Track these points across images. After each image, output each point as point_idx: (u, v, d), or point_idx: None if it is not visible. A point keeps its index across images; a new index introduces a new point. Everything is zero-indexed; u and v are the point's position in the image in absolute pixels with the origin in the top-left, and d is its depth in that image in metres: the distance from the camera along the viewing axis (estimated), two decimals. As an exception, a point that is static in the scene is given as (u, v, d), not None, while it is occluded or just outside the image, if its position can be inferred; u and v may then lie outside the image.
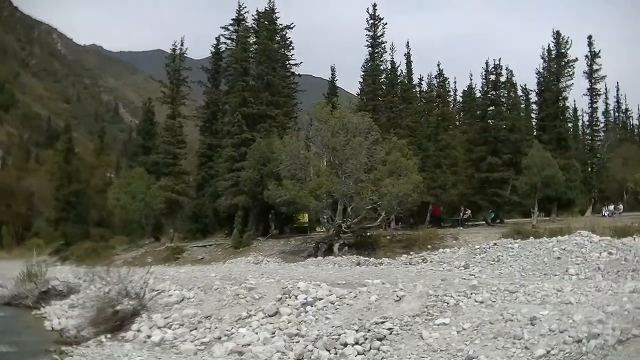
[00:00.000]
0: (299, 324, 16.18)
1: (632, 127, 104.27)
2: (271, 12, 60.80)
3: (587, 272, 24.22)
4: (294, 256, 43.79)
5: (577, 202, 71.21)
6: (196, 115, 67.51)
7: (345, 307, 16.65)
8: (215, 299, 19.40)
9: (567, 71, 69.62)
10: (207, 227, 61.43)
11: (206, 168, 62.65)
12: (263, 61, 58.03)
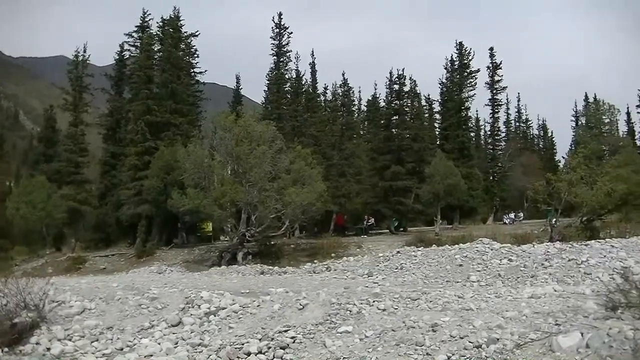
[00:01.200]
0: (202, 334, 16.00)
1: (532, 137, 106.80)
2: (176, 19, 60.30)
3: (488, 279, 24.60)
4: (198, 265, 43.37)
5: (479, 210, 72.53)
6: (99, 123, 66.19)
7: (249, 316, 16.55)
8: (117, 309, 19.06)
9: (469, 82, 71.05)
10: (110, 237, 60.35)
11: (109, 177, 61.56)
12: (167, 69, 57.51)
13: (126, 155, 56.01)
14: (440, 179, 53.22)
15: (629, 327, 10.71)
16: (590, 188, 42.92)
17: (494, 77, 78.72)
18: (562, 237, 39.22)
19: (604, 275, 21.51)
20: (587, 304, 14.49)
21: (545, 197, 44.45)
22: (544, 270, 24.43)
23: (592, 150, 51.34)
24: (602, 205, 43.30)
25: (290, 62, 64.97)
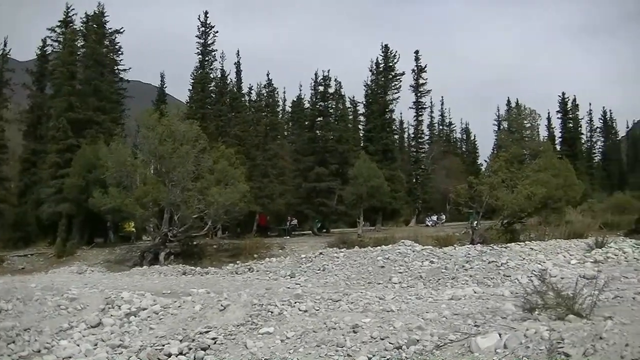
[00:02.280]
0: (123, 335, 15.81)
1: (455, 140, 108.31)
2: (100, 15, 59.40)
3: (409, 281, 24.75)
4: (119, 265, 42.80)
5: (402, 212, 73.10)
6: (19, 119, 64.69)
7: (170, 317, 16.41)
8: (35, 310, 18.69)
9: (394, 84, 71.68)
10: (29, 236, 58.91)
11: (29, 174, 60.06)
12: (91, 65, 56.63)
13: (47, 153, 54.78)
14: (363, 180, 53.57)
15: (545, 328, 10.89)
16: (511, 191, 43.62)
17: (419, 80, 79.46)
18: (483, 239, 39.77)
19: (522, 277, 21.80)
20: (506, 305, 14.71)
21: (467, 200, 45.01)
22: (465, 272, 24.69)
23: (513, 154, 52.17)
24: (523, 209, 44.00)
25: (215, 62, 64.61)
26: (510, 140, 70.16)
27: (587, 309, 12.14)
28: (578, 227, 44.63)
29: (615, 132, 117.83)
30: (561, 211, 50.68)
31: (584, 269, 23.38)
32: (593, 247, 28.92)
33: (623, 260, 25.26)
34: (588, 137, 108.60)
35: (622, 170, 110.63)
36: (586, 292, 12.62)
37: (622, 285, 18.90)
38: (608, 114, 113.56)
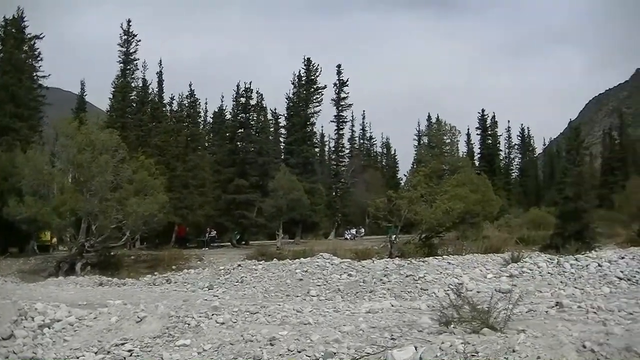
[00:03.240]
0: (35, 347, 15.47)
1: (375, 154, 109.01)
2: (19, 20, 58.29)
3: (327, 293, 24.79)
4: (34, 276, 41.86)
5: (322, 225, 73.32)
6: None
7: (85, 329, 16.14)
8: (-57, 321, 18.28)
9: (315, 97, 71.95)
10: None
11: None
12: (8, 71, 55.45)
13: (-40, 160, 53.59)
14: (283, 193, 53.65)
15: (460, 341, 11.05)
16: (429, 206, 44.14)
17: (340, 94, 79.88)
18: (401, 253, 40.12)
19: (439, 291, 22.06)
20: (422, 318, 14.86)
21: (386, 214, 45.35)
22: (383, 286, 24.81)
23: (432, 169, 52.82)
24: (441, 223, 44.52)
25: (137, 71, 64.01)
26: (429, 155, 71.05)
27: (501, 322, 12.36)
28: (495, 241, 45.34)
29: (533, 149, 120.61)
30: (479, 226, 51.51)
31: (499, 283, 23.72)
32: (509, 262, 29.32)
33: (538, 274, 25.67)
34: (506, 154, 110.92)
35: (539, 186, 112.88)
36: (501, 306, 12.85)
37: (536, 299, 19.30)
38: (526, 132, 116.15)
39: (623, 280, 23.20)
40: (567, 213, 49.42)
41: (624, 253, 29.28)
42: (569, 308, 16.52)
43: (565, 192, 51.38)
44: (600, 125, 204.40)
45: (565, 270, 25.49)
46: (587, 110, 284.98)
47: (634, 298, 18.30)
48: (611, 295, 20.37)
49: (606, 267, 25.11)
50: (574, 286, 22.47)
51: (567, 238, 45.37)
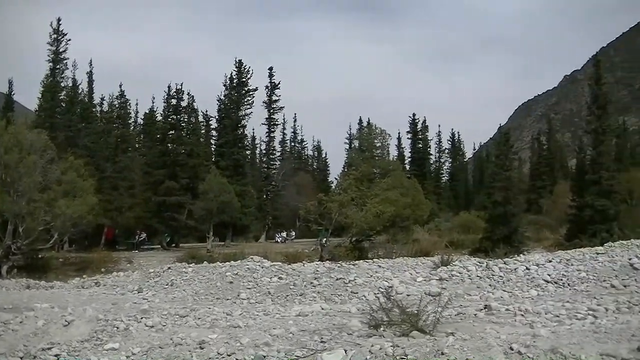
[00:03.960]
0: (-43, 353, 15.23)
1: (306, 157, 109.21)
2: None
3: (257, 297, 24.73)
4: (-43, 279, 41.10)
5: (252, 228, 73.16)
6: None
7: (10, 333, 15.84)
8: None
9: (247, 100, 71.80)
10: None
11: None
12: None
13: None
14: (214, 195, 53.41)
15: (390, 344, 11.15)
16: (360, 209, 44.36)
17: (272, 96, 79.93)
18: (331, 256, 40.28)
19: (369, 294, 22.20)
20: (352, 321, 14.95)
21: (316, 217, 45.49)
22: (313, 289, 24.86)
23: (363, 173, 53.12)
24: (371, 226, 44.83)
25: (67, 70, 63.08)
26: (360, 159, 71.25)
27: (430, 325, 12.51)
28: (425, 245, 45.88)
29: (463, 154, 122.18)
30: (409, 229, 51.94)
31: (429, 286, 23.94)
32: (439, 265, 29.58)
33: (467, 278, 25.95)
34: (436, 158, 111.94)
35: (468, 190, 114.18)
36: (430, 309, 13.01)
37: (465, 302, 19.54)
38: (456, 136, 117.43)
39: (550, 283, 23.60)
40: (496, 217, 50.09)
41: (551, 256, 29.75)
42: (497, 311, 16.79)
43: (495, 197, 51.99)
44: (529, 131, 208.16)
45: (494, 274, 25.81)
46: (516, 115, 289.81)
47: (561, 301, 18.67)
48: (539, 298, 20.72)
49: (534, 271, 25.49)
50: (503, 289, 22.79)
51: (496, 242, 46.00)
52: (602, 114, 53.60)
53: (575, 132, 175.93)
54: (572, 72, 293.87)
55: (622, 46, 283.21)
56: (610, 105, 58.59)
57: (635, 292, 20.51)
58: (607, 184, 50.80)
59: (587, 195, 50.98)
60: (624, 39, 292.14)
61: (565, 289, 22.67)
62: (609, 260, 26.77)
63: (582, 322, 14.76)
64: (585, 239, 46.31)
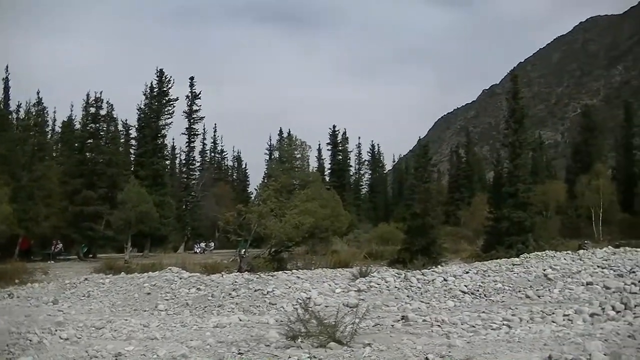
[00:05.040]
0: None
1: (226, 168, 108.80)
2: None
3: (175, 308, 24.63)
4: None
5: (171, 239, 72.64)
6: None
7: None
8: None
9: (167, 109, 71.38)
10: None
11: None
12: None
13: None
14: (132, 205, 52.84)
15: (307, 355, 11.23)
16: (279, 220, 44.36)
17: (192, 106, 79.70)
18: (250, 267, 40.20)
19: (288, 306, 22.31)
20: (270, 333, 15.00)
21: (235, 228, 45.33)
22: (231, 300, 24.86)
23: (282, 184, 53.10)
24: (290, 238, 44.87)
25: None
26: (280, 170, 71.28)
27: (347, 336, 12.61)
28: (344, 256, 46.09)
29: (382, 166, 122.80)
30: (328, 241, 52.13)
31: (347, 297, 24.15)
32: (357, 277, 29.84)
33: (385, 289, 26.25)
34: (356, 170, 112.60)
35: (388, 202, 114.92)
36: (348, 320, 13.12)
37: (383, 313, 19.74)
38: (376, 148, 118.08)
39: (467, 294, 24.02)
40: (415, 228, 50.61)
41: (468, 268, 30.30)
42: (415, 322, 17.00)
43: (413, 208, 52.65)
44: (448, 144, 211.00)
45: (412, 285, 26.17)
46: (436, 128, 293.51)
47: (477, 311, 18.99)
48: (455, 308, 21.06)
49: (451, 282, 25.92)
50: (420, 300, 23.11)
51: (414, 253, 46.53)
52: (519, 128, 54.61)
53: (493, 145, 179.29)
54: (490, 86, 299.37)
55: (539, 62, 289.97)
56: (526, 119, 59.77)
57: (548, 302, 21.01)
58: (523, 196, 51.71)
59: (504, 208, 51.83)
60: (541, 54, 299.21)
61: (482, 299, 23.10)
62: (524, 271, 27.41)
63: (497, 332, 15.06)
64: (502, 250, 47.10)
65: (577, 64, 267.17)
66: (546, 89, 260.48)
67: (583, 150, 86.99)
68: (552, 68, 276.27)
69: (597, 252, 33.24)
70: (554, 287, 23.75)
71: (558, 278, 25.42)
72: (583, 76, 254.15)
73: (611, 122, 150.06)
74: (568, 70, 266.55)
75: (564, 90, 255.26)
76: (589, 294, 21.85)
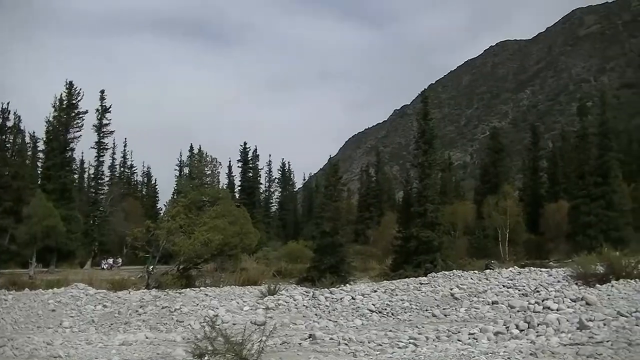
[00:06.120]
0: None
1: (135, 183, 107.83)
2: None
3: (81, 325, 24.27)
4: None
5: (78, 254, 71.45)
6: None
7: None
8: None
9: (76, 122, 70.40)
10: None
11: None
12: None
13: None
14: (38, 220, 51.95)
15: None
16: (188, 237, 44.05)
17: (102, 120, 78.77)
18: (158, 284, 39.78)
19: (195, 323, 22.18)
20: (177, 350, 14.94)
21: (144, 244, 44.88)
22: (138, 317, 24.62)
23: (192, 200, 52.75)
24: (199, 254, 44.59)
25: None
26: (190, 186, 70.90)
27: (255, 354, 12.65)
28: (253, 274, 45.98)
29: (293, 184, 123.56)
30: (237, 258, 51.93)
31: (255, 315, 24.12)
32: (266, 294, 29.84)
33: (293, 307, 26.30)
34: (266, 187, 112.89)
35: (297, 220, 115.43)
36: (255, 338, 13.14)
37: (291, 331, 19.80)
38: (287, 166, 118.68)
39: (375, 312, 24.21)
40: (324, 247, 50.87)
41: (376, 286, 30.53)
42: (322, 340, 17.09)
43: (323, 227, 52.87)
44: (359, 163, 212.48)
45: (320, 303, 26.25)
46: (347, 147, 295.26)
47: (384, 329, 19.18)
48: (363, 327, 21.23)
49: (359, 300, 26.09)
50: (328, 318, 23.21)
51: (323, 271, 46.74)
52: (429, 149, 55.39)
53: (403, 165, 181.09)
54: (402, 106, 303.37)
55: (450, 84, 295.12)
56: (436, 140, 60.63)
57: (455, 321, 21.33)
58: (431, 216, 52.40)
59: (413, 227, 52.42)
60: (451, 76, 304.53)
61: (389, 318, 23.32)
62: (431, 290, 27.74)
63: (404, 350, 15.24)
64: (410, 269, 47.61)
65: (487, 87, 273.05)
66: (456, 111, 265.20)
67: (491, 171, 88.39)
68: (462, 90, 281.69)
69: (503, 271, 33.77)
70: (461, 306, 24.09)
71: (464, 297, 25.80)
72: (492, 99, 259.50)
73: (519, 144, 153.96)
74: (478, 92, 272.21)
75: (473, 112, 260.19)
76: (494, 313, 22.22)
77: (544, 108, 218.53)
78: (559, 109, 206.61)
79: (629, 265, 26.69)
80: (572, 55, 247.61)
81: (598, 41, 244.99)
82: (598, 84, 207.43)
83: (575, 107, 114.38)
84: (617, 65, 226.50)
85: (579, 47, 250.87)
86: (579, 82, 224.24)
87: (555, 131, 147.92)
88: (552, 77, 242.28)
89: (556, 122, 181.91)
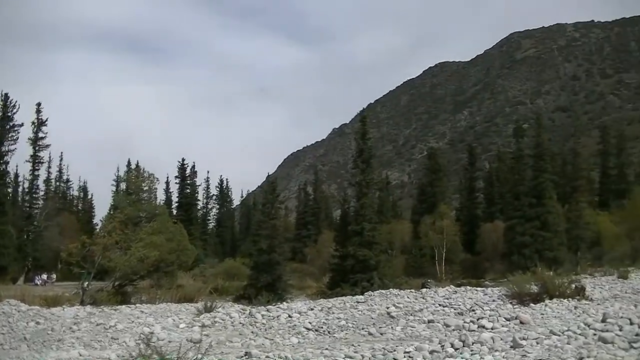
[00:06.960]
0: None
1: (71, 197, 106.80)
2: None
3: (12, 342, 23.77)
4: None
5: (10, 270, 70.20)
6: None
7: None
8: None
9: (11, 135, 69.45)
10: None
11: None
12: None
13: None
14: (-31, 234, 51.05)
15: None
16: (124, 253, 43.62)
17: (38, 133, 77.66)
18: (93, 300, 39.26)
19: (130, 340, 21.90)
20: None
21: (79, 260, 44.28)
22: (72, 334, 24.21)
23: (128, 216, 52.25)
24: (135, 271, 44.21)
25: None
26: (127, 202, 70.30)
27: (189, 372, 12.51)
28: (189, 291, 45.64)
29: (231, 201, 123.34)
30: (173, 275, 51.59)
31: (191, 332, 23.89)
32: (202, 312, 29.64)
33: (230, 324, 26.15)
34: (204, 204, 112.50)
35: (235, 237, 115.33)
36: (191, 356, 13.01)
37: (227, 349, 19.64)
38: (225, 183, 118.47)
39: (311, 330, 24.16)
40: (261, 264, 50.76)
41: (313, 304, 30.54)
42: (258, 358, 16.97)
43: (260, 244, 52.77)
44: (297, 181, 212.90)
45: (256, 321, 26.15)
46: (285, 165, 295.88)
47: (320, 348, 19.12)
48: (299, 345, 21.14)
49: (296, 318, 26.05)
50: (265, 336, 23.09)
51: (260, 289, 46.58)
52: (366, 168, 55.76)
53: (341, 183, 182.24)
54: (340, 125, 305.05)
55: (389, 103, 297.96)
56: (374, 159, 61.08)
57: (391, 340, 21.34)
58: (369, 235, 52.67)
59: (350, 245, 52.63)
60: (390, 96, 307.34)
61: (325, 336, 23.27)
62: (368, 308, 27.82)
63: (340, 369, 15.20)
64: (347, 287, 47.79)
65: (425, 107, 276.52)
66: (394, 130, 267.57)
67: (428, 191, 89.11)
68: (400, 110, 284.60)
69: (440, 290, 34.03)
70: (397, 325, 24.16)
71: (401, 316, 25.92)
72: (430, 119, 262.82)
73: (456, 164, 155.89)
74: (416, 113, 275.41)
75: (411, 132, 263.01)
76: (430, 332, 22.30)
77: (481, 129, 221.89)
78: (496, 131, 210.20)
79: (562, 285, 27.13)
80: (508, 78, 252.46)
81: (534, 65, 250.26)
82: (534, 106, 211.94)
83: (512, 128, 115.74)
84: (552, 88, 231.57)
85: (516, 70, 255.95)
86: (515, 105, 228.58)
87: (491, 152, 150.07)
88: (490, 99, 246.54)
89: (493, 143, 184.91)
